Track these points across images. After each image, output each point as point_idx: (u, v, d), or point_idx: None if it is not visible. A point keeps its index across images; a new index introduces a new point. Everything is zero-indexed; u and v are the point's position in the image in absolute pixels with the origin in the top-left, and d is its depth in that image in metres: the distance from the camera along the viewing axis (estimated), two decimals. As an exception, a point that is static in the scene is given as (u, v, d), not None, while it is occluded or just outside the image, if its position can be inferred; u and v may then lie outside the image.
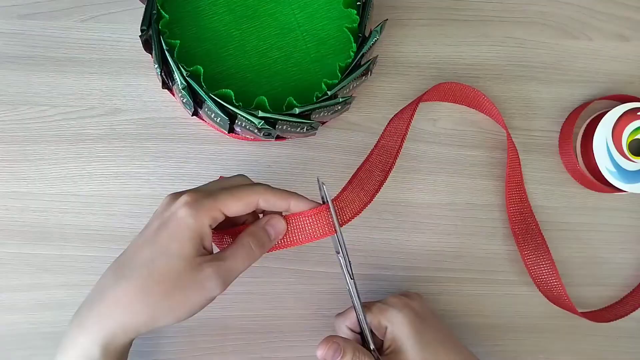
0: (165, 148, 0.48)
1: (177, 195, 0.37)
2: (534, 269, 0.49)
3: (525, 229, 0.50)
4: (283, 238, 0.38)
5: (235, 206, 0.36)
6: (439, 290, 0.50)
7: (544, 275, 0.49)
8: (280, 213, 0.39)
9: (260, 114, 0.41)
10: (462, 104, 0.51)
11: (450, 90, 0.49)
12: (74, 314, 0.36)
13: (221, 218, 0.36)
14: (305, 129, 0.44)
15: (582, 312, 0.49)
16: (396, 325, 0.41)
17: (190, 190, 0.37)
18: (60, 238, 0.47)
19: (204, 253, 0.36)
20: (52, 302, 0.47)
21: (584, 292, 0.51)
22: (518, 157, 0.50)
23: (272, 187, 0.38)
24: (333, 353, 0.39)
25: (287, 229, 0.38)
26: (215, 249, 0.38)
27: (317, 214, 0.38)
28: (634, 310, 0.49)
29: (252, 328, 0.48)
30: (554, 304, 0.49)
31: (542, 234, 0.49)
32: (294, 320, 0.48)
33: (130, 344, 0.36)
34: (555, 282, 0.48)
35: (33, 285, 0.47)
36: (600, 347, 0.50)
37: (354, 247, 0.49)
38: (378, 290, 0.49)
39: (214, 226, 0.36)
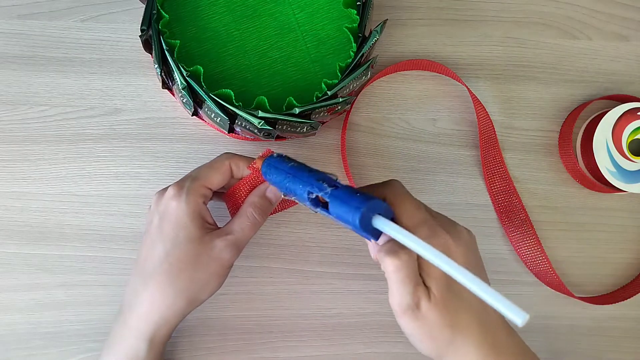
0: (165, 148, 0.48)
1: (163, 191, 0.40)
2: (520, 245, 0.49)
3: (509, 206, 0.50)
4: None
5: (216, 177, 0.39)
6: (439, 290, 0.49)
7: (530, 252, 0.49)
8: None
9: (260, 114, 0.41)
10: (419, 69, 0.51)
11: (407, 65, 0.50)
12: (115, 318, 0.40)
13: (209, 193, 0.40)
14: (305, 129, 0.43)
15: (577, 296, 0.49)
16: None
17: (174, 183, 0.40)
18: (60, 238, 0.47)
19: (210, 228, 0.39)
20: (51, 302, 0.47)
21: (583, 292, 0.51)
22: (491, 122, 0.50)
23: (234, 153, 0.41)
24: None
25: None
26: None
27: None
28: (629, 297, 0.50)
29: (252, 328, 0.48)
30: (544, 283, 0.49)
31: (525, 209, 0.50)
32: (294, 320, 0.48)
33: (172, 331, 0.40)
34: (541, 257, 0.49)
35: (32, 285, 0.47)
36: (600, 347, 0.50)
37: (353, 246, 0.49)
38: (377, 290, 0.49)
39: (207, 203, 0.40)
